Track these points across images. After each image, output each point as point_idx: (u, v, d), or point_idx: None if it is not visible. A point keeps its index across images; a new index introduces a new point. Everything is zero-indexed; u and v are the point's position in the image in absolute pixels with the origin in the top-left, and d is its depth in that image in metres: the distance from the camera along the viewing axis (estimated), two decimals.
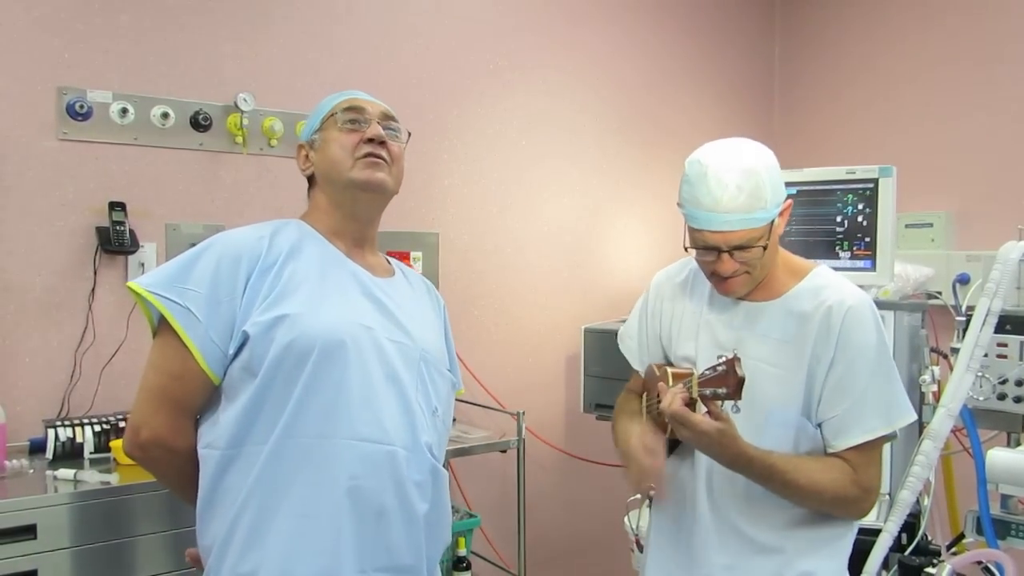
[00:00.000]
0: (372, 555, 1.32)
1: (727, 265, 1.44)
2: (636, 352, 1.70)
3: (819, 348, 1.44)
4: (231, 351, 1.31)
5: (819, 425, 1.46)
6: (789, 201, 1.49)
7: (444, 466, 1.48)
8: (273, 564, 1.27)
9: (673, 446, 1.62)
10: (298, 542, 1.27)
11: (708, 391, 1.30)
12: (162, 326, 1.33)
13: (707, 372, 1.32)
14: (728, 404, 1.38)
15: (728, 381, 1.29)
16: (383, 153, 1.42)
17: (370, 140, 1.41)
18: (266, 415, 1.29)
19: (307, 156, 1.48)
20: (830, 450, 1.45)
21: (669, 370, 1.48)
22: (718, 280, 1.49)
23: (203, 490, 1.32)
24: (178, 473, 1.39)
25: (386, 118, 1.46)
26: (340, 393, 1.30)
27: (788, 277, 1.52)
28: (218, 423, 1.32)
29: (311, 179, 1.50)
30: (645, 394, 1.61)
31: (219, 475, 1.30)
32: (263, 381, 1.29)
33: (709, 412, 1.34)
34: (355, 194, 1.43)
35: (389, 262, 1.58)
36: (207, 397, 1.35)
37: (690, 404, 1.36)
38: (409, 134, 1.52)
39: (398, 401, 1.37)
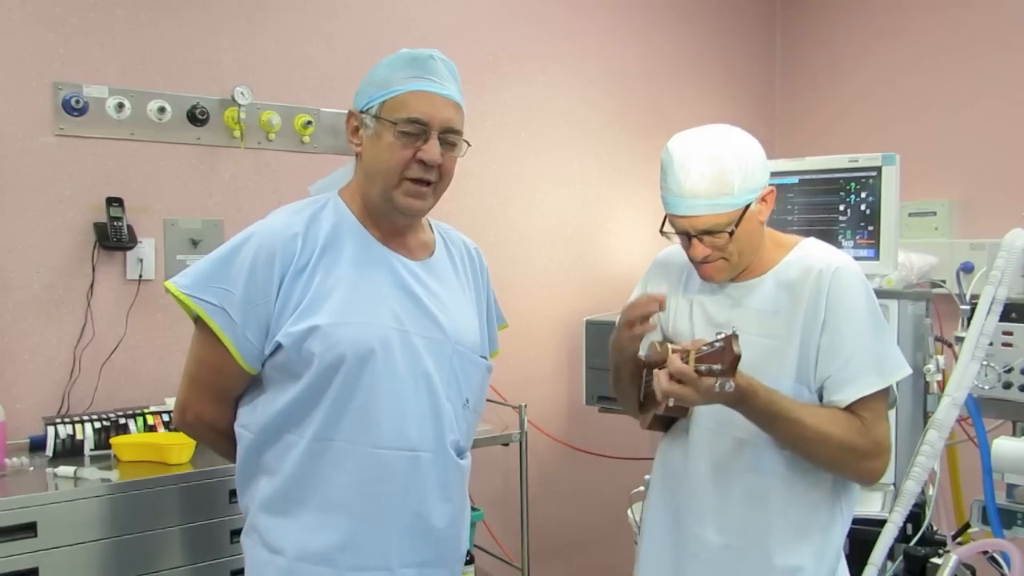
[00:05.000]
0: (395, 553, 1.38)
1: (697, 250, 1.48)
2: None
3: (810, 312, 1.45)
4: (267, 351, 1.36)
5: (819, 390, 1.46)
6: (770, 188, 1.50)
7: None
8: (298, 552, 1.35)
9: (667, 425, 1.61)
10: (323, 534, 1.35)
11: (703, 367, 1.29)
12: (201, 321, 1.37)
13: (705, 348, 1.31)
14: (722, 382, 1.36)
15: (724, 358, 1.27)
16: (432, 176, 1.40)
17: (422, 161, 1.37)
18: (303, 416, 1.36)
19: (357, 130, 1.43)
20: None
21: (669, 345, 1.46)
22: (698, 266, 1.52)
23: (240, 461, 1.42)
24: (223, 447, 1.49)
25: (448, 131, 1.40)
26: (369, 401, 1.35)
27: (775, 252, 1.54)
28: (256, 410, 1.39)
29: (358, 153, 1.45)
30: (645, 371, 1.60)
31: (255, 453, 1.40)
32: (303, 387, 1.34)
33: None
34: (391, 210, 1.42)
35: (433, 232, 1.56)
36: (247, 384, 1.42)
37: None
38: (468, 144, 1.47)
39: (427, 401, 1.40)
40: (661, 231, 1.54)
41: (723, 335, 1.29)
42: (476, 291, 1.60)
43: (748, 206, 1.45)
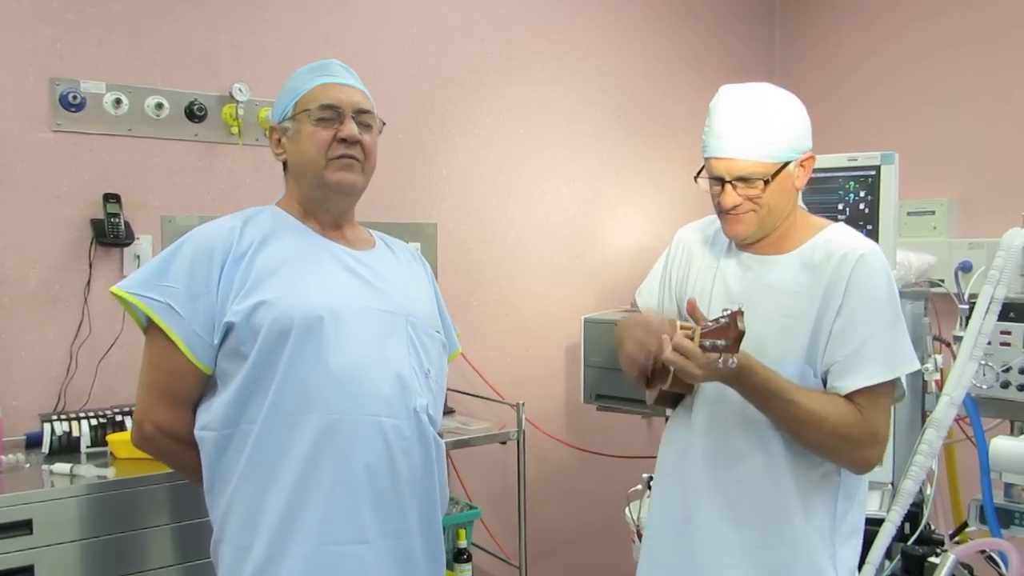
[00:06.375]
0: (367, 524, 1.37)
1: (729, 196, 1.47)
2: (654, 307, 1.70)
3: (829, 295, 1.45)
4: (216, 341, 1.36)
5: (825, 373, 1.47)
6: (810, 155, 1.51)
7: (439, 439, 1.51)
8: (269, 537, 1.33)
9: (675, 401, 1.61)
10: (291, 515, 1.34)
11: (708, 342, 1.30)
12: (151, 324, 1.38)
13: (710, 324, 1.32)
14: (725, 357, 1.36)
15: (728, 333, 1.28)
16: (356, 152, 1.45)
17: (343, 139, 1.43)
18: (255, 396, 1.35)
19: (280, 141, 1.50)
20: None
21: (677, 323, 1.47)
22: (724, 216, 1.51)
23: (206, 470, 1.40)
24: (185, 459, 1.45)
25: (359, 112, 1.47)
26: (320, 369, 1.35)
27: (803, 232, 1.54)
28: (212, 407, 1.38)
29: (285, 163, 1.52)
30: None
31: (218, 455, 1.38)
32: (251, 365, 1.35)
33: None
34: (327, 193, 1.46)
35: (371, 234, 1.61)
36: (202, 387, 1.41)
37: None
38: (383, 123, 1.53)
39: (387, 368, 1.41)
40: (695, 178, 1.54)
41: (729, 311, 1.30)
42: (427, 283, 1.63)
43: (787, 164, 1.46)
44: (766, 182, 1.45)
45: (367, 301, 1.43)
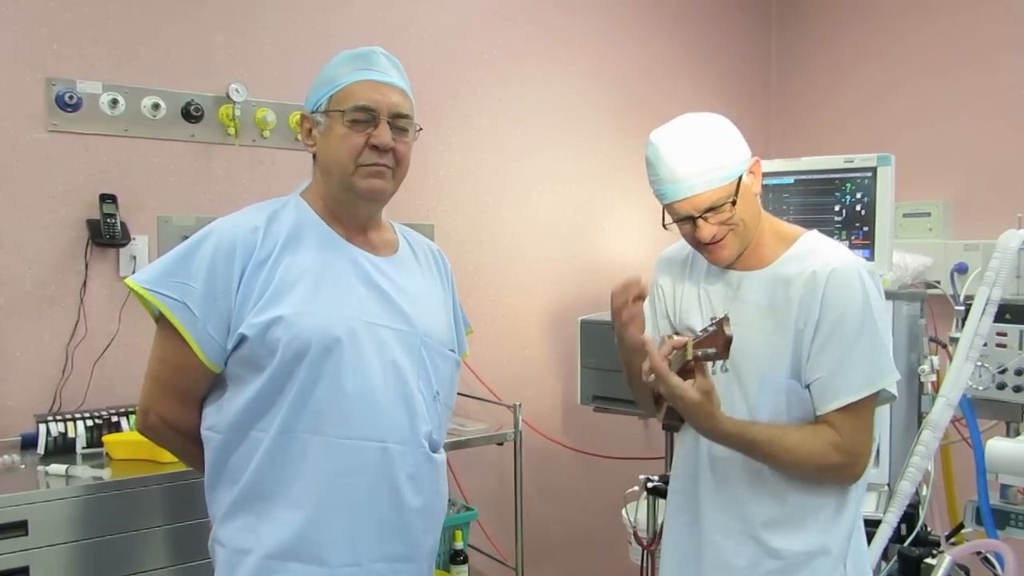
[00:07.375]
0: (365, 547, 1.37)
1: (705, 230, 1.47)
2: (650, 333, 1.70)
3: (804, 311, 1.46)
4: (229, 346, 1.34)
5: (808, 387, 1.47)
6: (756, 159, 1.52)
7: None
8: (267, 549, 1.33)
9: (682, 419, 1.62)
10: (292, 532, 1.33)
11: (700, 352, 1.33)
12: (163, 318, 1.36)
13: (699, 335, 1.35)
14: (718, 365, 1.41)
15: (717, 340, 1.31)
16: (387, 160, 1.41)
17: (375, 146, 1.39)
18: (267, 409, 1.34)
19: (310, 132, 1.45)
20: (818, 413, 1.46)
21: (667, 339, 1.49)
22: (705, 249, 1.52)
23: (209, 466, 1.40)
24: (188, 451, 1.46)
25: (397, 116, 1.42)
26: (335, 391, 1.34)
27: (777, 244, 1.55)
28: (222, 410, 1.37)
29: (315, 154, 1.47)
30: None
31: (223, 456, 1.37)
32: (268, 378, 1.33)
33: (696, 380, 1.37)
34: (353, 198, 1.43)
35: (395, 232, 1.57)
36: (210, 384, 1.40)
37: (684, 371, 1.38)
38: (420, 128, 1.49)
39: (397, 392, 1.39)
40: (664, 225, 1.56)
41: (715, 319, 1.33)
42: (443, 292, 1.61)
43: (741, 178, 1.48)
44: (733, 203, 1.46)
45: (385, 320, 1.40)
